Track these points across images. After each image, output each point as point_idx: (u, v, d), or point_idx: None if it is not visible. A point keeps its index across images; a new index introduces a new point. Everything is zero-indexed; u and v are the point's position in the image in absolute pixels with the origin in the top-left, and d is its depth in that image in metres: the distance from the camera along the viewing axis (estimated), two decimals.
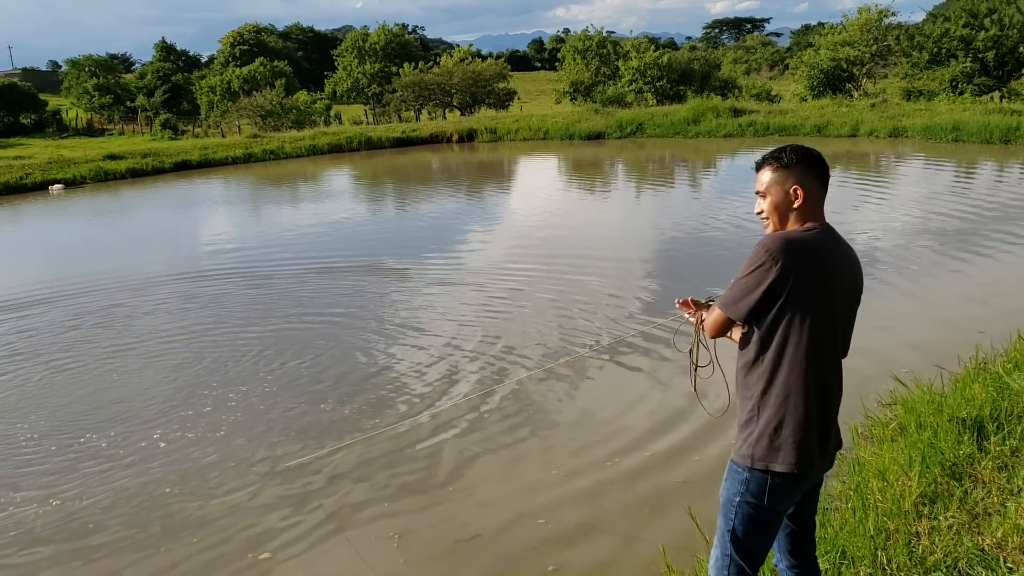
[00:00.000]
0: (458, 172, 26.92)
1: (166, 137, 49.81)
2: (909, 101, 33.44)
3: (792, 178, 2.86)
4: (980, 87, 35.20)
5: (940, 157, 21.90)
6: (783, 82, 56.39)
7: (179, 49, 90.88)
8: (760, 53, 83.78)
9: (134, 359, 8.50)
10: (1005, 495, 4.21)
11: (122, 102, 64.17)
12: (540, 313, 9.34)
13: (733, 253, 11.62)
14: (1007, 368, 5.87)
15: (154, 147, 34.04)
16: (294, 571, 4.70)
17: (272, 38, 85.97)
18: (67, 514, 5.40)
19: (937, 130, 25.24)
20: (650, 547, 4.58)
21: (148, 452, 6.23)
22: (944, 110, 28.49)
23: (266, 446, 6.23)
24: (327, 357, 8.20)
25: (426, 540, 4.91)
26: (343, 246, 14.33)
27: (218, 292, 11.19)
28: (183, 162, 29.83)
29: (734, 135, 29.74)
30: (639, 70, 44.75)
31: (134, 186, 25.94)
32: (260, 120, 45.65)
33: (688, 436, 6.02)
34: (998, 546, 3.75)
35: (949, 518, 4.03)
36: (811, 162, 2.88)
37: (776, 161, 2.90)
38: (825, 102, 34.39)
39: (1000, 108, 27.44)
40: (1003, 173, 19.23)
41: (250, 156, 31.59)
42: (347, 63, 65.11)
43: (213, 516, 5.29)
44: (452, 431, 6.34)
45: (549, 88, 60.45)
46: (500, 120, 37.93)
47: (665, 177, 22.50)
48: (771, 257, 2.69)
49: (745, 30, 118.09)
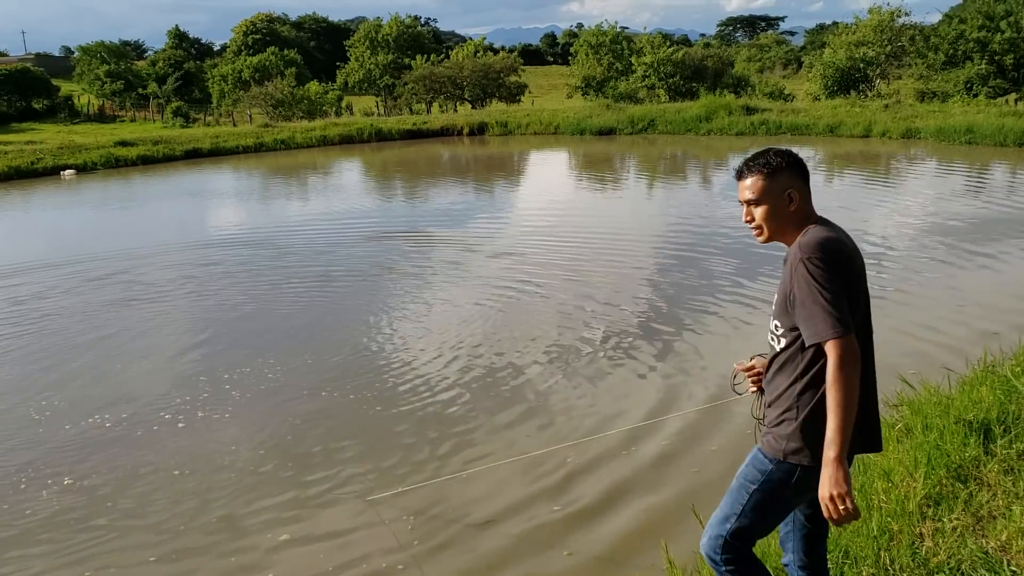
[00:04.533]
0: (468, 166, 26.91)
1: (177, 125, 49.89)
2: (923, 103, 33.26)
3: (784, 182, 2.83)
4: (995, 89, 35.00)
5: (952, 159, 21.79)
6: (796, 81, 56.16)
7: (192, 37, 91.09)
8: (774, 51, 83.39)
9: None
10: (1011, 498, 4.18)
11: (134, 89, 64.32)
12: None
13: (740, 253, 11.61)
14: (1015, 372, 5.83)
15: (165, 134, 34.14)
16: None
17: (285, 28, 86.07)
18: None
19: (951, 132, 25.08)
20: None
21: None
22: (958, 112, 28.32)
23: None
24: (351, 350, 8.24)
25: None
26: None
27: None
28: (194, 150, 29.93)
29: (746, 133, 29.63)
30: (652, 66, 44.60)
31: (145, 173, 26.02)
32: (271, 110, 45.70)
33: (689, 425, 6.02)
34: (1002, 549, 3.73)
35: (953, 520, 4.01)
36: (796, 163, 2.87)
37: (766, 168, 2.85)
38: (838, 102, 34.22)
39: (1016, 111, 27.26)
40: (1016, 177, 19.12)
41: (261, 145, 31.65)
42: (359, 54, 65.07)
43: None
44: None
45: (561, 83, 60.31)
46: (511, 114, 37.89)
47: (677, 174, 22.46)
48: (836, 262, 2.64)
49: (759, 28, 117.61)
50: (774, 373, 2.87)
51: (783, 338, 2.82)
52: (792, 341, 2.77)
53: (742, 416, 6.29)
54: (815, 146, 26.09)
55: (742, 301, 9.31)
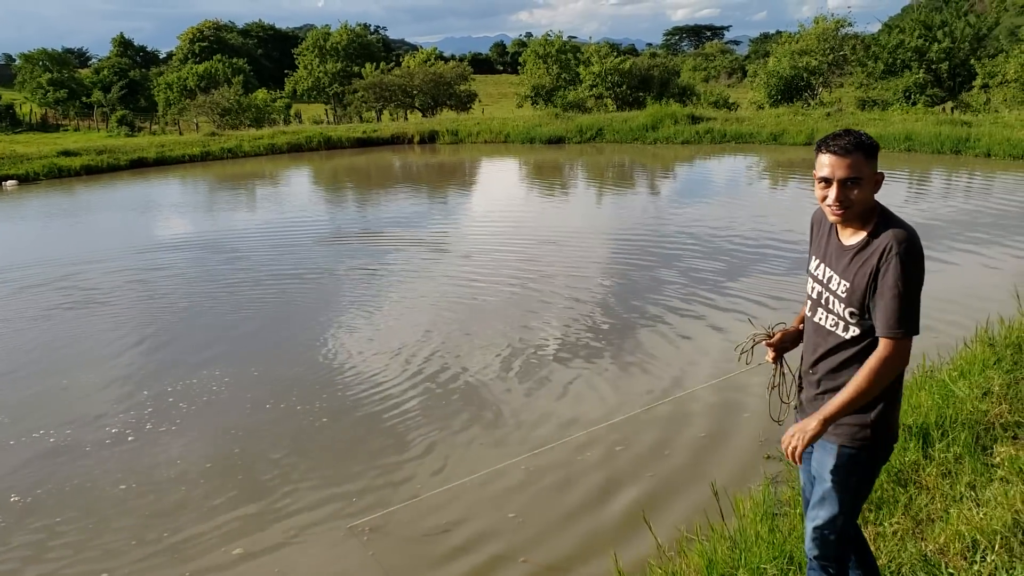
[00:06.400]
0: (419, 173, 26.86)
1: (122, 134, 49.08)
2: (864, 110, 34.03)
3: (872, 165, 2.88)
4: (932, 98, 35.92)
5: (893, 166, 22.31)
6: (741, 90, 57.03)
7: (137, 45, 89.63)
8: (719, 61, 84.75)
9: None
10: (948, 501, 4.32)
11: (77, 97, 63.14)
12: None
13: (685, 258, 11.79)
14: (952, 376, 6.02)
15: (110, 144, 33.50)
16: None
17: (232, 35, 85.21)
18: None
19: (890, 139, 25.69)
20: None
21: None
22: (897, 120, 29.02)
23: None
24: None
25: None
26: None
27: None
28: (139, 159, 29.41)
29: (692, 142, 30.02)
30: (599, 76, 44.98)
31: (89, 183, 25.54)
32: (218, 118, 45.18)
33: (654, 437, 6.10)
34: (940, 552, 3.85)
35: (894, 524, 4.13)
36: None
37: (868, 147, 2.86)
38: (782, 110, 34.87)
39: (951, 119, 28.03)
40: (952, 182, 19.66)
41: (208, 154, 31.24)
42: (308, 62, 64.70)
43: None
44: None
45: (511, 91, 60.46)
46: (461, 122, 37.91)
47: (625, 182, 22.68)
48: (922, 262, 2.78)
49: (705, 37, 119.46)
50: (844, 361, 2.94)
51: (857, 327, 2.89)
52: (868, 329, 2.86)
53: (699, 419, 6.40)
54: (759, 154, 26.55)
55: (693, 302, 9.47)
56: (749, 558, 3.93)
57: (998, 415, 5.27)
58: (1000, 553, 3.74)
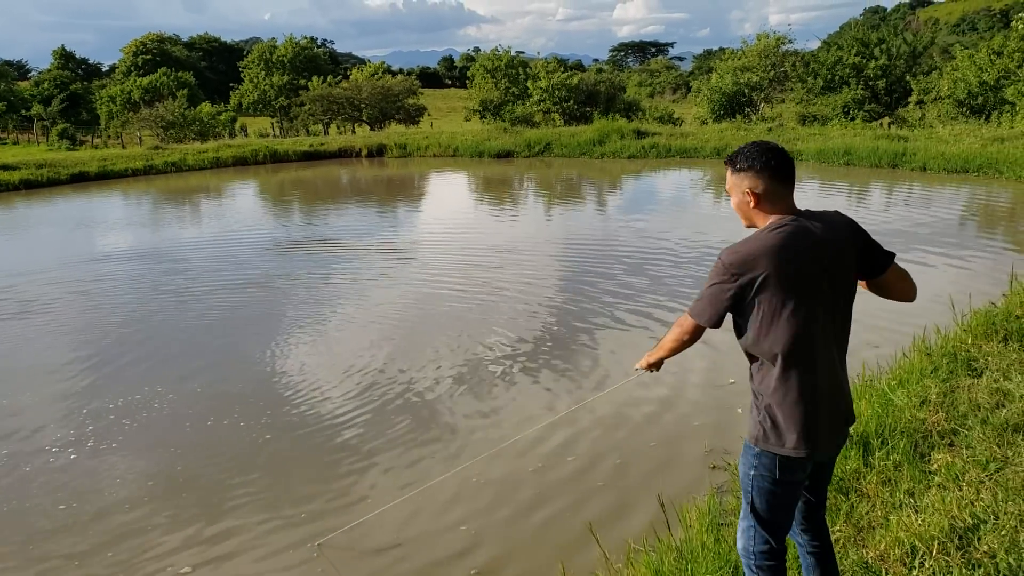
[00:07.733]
0: (367, 187, 26.72)
1: (63, 148, 47.97)
2: (804, 125, 34.68)
3: (745, 181, 2.97)
4: (870, 113, 36.70)
5: (833, 180, 22.80)
6: (685, 105, 57.85)
7: (79, 57, 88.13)
8: (664, 76, 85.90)
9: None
10: (888, 508, 4.41)
11: (16, 110, 61.74)
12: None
13: (635, 267, 11.90)
14: (891, 385, 6.17)
15: (50, 158, 32.75)
16: None
17: (177, 48, 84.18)
18: None
19: (830, 154, 26.26)
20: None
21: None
22: (836, 135, 29.64)
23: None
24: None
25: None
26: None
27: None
28: (81, 174, 28.87)
29: (637, 156, 30.36)
30: (547, 91, 45.29)
31: (28, 198, 24.97)
32: (162, 131, 44.51)
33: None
34: (881, 559, 3.94)
35: (836, 532, 4.20)
36: (762, 164, 2.94)
37: (730, 164, 3.03)
38: (725, 125, 35.46)
39: (888, 134, 28.70)
40: (891, 195, 20.13)
41: (151, 168, 30.77)
42: (254, 75, 64.10)
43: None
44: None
45: (459, 105, 60.59)
46: (410, 136, 37.85)
47: (573, 195, 22.83)
48: (728, 271, 2.87)
49: (650, 53, 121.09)
50: (750, 364, 3.11)
51: (740, 333, 3.08)
52: (749, 338, 3.04)
53: (649, 428, 6.45)
54: (703, 168, 26.92)
55: (638, 312, 9.55)
56: (695, 568, 3.97)
57: (935, 423, 5.41)
58: (938, 558, 3.83)
